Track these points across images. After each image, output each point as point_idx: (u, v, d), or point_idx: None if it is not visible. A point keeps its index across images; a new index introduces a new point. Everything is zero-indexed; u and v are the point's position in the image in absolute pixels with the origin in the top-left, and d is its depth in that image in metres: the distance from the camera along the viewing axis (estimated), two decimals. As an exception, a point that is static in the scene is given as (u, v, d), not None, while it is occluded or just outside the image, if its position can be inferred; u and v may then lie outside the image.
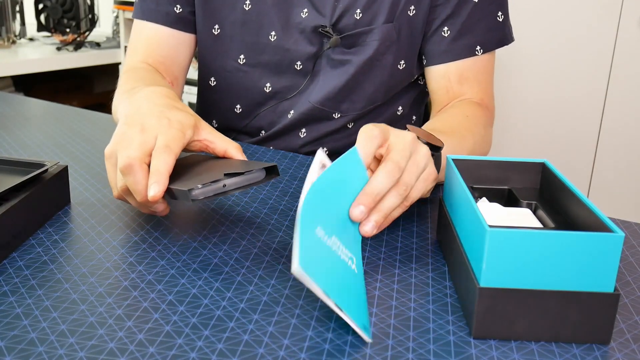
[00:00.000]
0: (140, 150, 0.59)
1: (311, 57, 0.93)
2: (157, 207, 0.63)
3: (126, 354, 0.46)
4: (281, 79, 0.95)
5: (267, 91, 0.96)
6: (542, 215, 0.58)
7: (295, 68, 0.94)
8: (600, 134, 2.08)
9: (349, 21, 0.90)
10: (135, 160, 0.58)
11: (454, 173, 0.60)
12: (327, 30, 0.90)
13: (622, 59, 1.99)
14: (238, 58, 0.96)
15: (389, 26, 0.90)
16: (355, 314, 0.48)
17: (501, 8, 0.92)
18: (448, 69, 0.92)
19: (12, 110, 1.13)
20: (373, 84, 0.94)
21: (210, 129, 0.67)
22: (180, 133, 0.62)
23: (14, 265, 0.58)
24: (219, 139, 0.66)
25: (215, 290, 0.55)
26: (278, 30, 0.92)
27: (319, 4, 0.91)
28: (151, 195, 0.57)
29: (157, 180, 0.57)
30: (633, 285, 0.59)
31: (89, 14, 2.59)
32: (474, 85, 0.92)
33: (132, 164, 0.58)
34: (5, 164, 0.70)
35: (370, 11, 0.90)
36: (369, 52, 0.91)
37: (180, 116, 0.64)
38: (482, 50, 0.91)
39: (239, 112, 1.00)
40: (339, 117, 0.96)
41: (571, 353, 0.48)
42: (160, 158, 0.59)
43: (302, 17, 0.91)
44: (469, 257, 0.52)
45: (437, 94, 0.94)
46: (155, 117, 0.63)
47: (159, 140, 0.61)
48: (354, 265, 0.53)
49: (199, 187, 0.58)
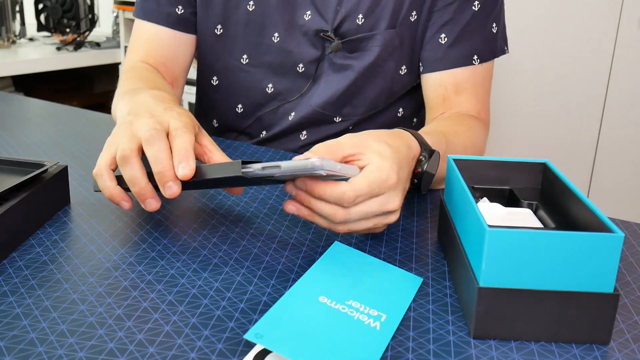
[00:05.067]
0: (150, 125, 0.59)
1: (313, 60, 0.93)
2: (150, 202, 0.60)
3: (126, 354, 0.46)
4: (283, 81, 0.95)
5: (268, 92, 0.96)
6: (543, 216, 0.58)
7: (297, 70, 0.94)
8: (600, 134, 2.08)
9: (351, 26, 0.90)
10: (154, 133, 0.58)
11: (454, 173, 0.60)
12: (328, 35, 0.90)
13: (622, 59, 1.99)
14: (241, 58, 0.96)
15: (391, 32, 0.89)
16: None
17: (497, 20, 0.91)
18: (444, 78, 0.91)
19: (12, 110, 1.13)
20: (374, 90, 0.93)
21: (211, 140, 0.67)
22: (190, 120, 0.62)
23: (13, 265, 0.58)
24: (218, 151, 0.66)
25: (215, 291, 0.55)
26: (281, 31, 0.92)
27: (322, 8, 0.90)
28: (181, 174, 0.56)
29: (186, 159, 0.57)
30: (633, 285, 0.59)
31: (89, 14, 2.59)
32: (471, 97, 0.91)
33: (152, 138, 0.58)
34: (5, 164, 0.70)
35: (372, 16, 0.89)
36: (371, 57, 0.91)
37: (186, 115, 0.65)
38: (479, 60, 0.90)
39: (240, 112, 1.00)
40: (339, 120, 0.96)
41: (571, 353, 0.48)
42: (182, 135, 0.58)
43: (305, 20, 0.91)
44: (469, 257, 0.52)
45: (433, 102, 0.93)
46: (161, 109, 0.64)
47: (171, 123, 0.60)
48: (377, 323, 0.50)
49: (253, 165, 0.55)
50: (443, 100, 0.91)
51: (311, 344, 0.45)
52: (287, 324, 0.47)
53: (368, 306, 0.52)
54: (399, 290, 0.55)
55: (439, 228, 0.66)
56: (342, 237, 0.65)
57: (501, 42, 0.93)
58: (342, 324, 0.49)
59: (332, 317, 0.49)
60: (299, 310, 0.49)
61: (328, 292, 0.53)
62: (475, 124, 0.87)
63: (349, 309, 0.51)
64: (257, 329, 0.45)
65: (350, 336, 0.47)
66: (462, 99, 0.91)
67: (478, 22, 0.89)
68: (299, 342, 0.45)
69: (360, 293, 0.53)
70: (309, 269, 0.57)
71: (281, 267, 0.59)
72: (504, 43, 0.94)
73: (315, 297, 0.52)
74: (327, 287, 0.54)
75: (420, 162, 0.67)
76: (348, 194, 0.56)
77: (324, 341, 0.46)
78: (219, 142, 0.96)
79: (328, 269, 0.57)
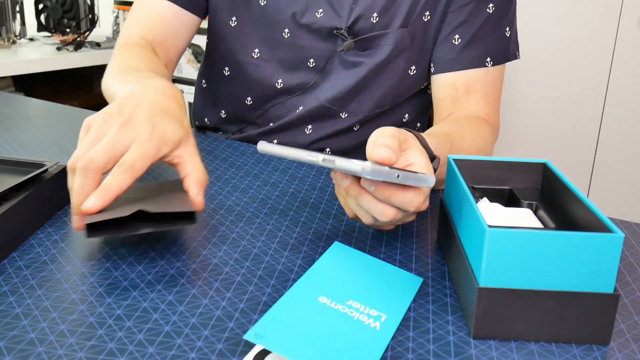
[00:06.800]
0: (106, 155, 0.56)
1: (324, 55, 0.93)
2: (75, 221, 0.58)
3: (125, 354, 0.46)
4: (293, 76, 0.95)
5: (278, 87, 0.96)
6: (543, 216, 0.58)
7: (308, 65, 0.94)
8: (600, 133, 2.08)
9: (365, 24, 0.89)
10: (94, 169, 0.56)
11: (454, 173, 0.60)
12: (342, 33, 0.90)
13: (622, 59, 1.99)
14: (252, 52, 0.96)
15: (403, 31, 0.89)
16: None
17: (510, 24, 0.91)
18: (456, 78, 0.90)
19: (12, 110, 1.13)
20: (382, 88, 0.93)
21: (192, 150, 0.61)
22: (154, 149, 0.58)
23: (13, 265, 0.58)
24: (190, 162, 0.61)
25: (215, 291, 0.55)
26: (292, 27, 0.92)
27: (337, 5, 0.90)
28: (87, 206, 0.54)
29: (102, 195, 0.55)
30: (633, 285, 0.59)
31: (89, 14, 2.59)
32: (481, 99, 0.91)
33: (89, 169, 0.55)
34: (5, 164, 0.70)
35: (387, 15, 0.89)
36: (382, 55, 0.91)
37: (169, 127, 0.60)
38: (492, 62, 0.90)
39: (249, 104, 1.00)
40: (345, 117, 0.96)
41: (571, 353, 0.48)
42: (119, 177, 0.56)
43: (318, 17, 0.91)
44: (469, 257, 0.52)
45: (442, 102, 0.92)
46: (142, 118, 0.59)
47: (130, 151, 0.57)
48: (377, 323, 0.50)
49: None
50: (453, 101, 0.91)
51: (311, 344, 0.45)
52: (287, 324, 0.47)
53: (368, 306, 0.52)
54: (399, 290, 0.55)
55: (439, 228, 0.66)
56: (342, 237, 0.65)
57: (513, 47, 0.93)
58: (342, 324, 0.49)
59: (332, 318, 0.49)
60: (299, 311, 0.49)
61: (328, 292, 0.53)
62: (483, 127, 0.87)
63: (348, 309, 0.51)
64: (257, 329, 0.45)
65: (350, 336, 0.47)
66: (472, 100, 0.90)
67: (492, 24, 0.89)
68: (298, 342, 0.45)
69: (360, 293, 0.53)
70: (309, 269, 0.57)
71: (281, 267, 0.59)
72: (516, 48, 0.94)
73: (315, 297, 0.52)
74: (327, 287, 0.54)
75: None
76: (418, 198, 0.55)
77: (323, 341, 0.46)
78: (222, 141, 0.96)
79: (328, 269, 0.57)
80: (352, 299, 0.52)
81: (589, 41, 2.02)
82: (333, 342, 0.46)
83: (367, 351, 0.46)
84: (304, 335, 0.46)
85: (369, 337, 0.48)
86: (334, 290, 0.53)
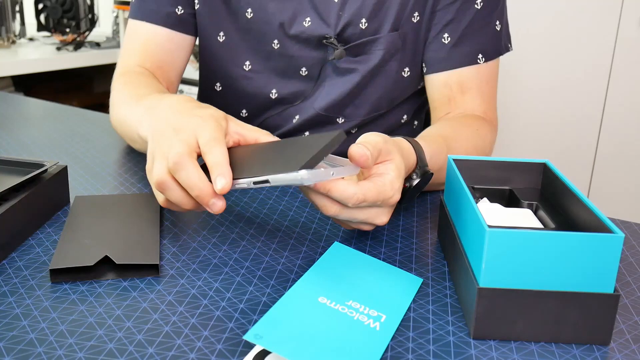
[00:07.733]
0: (183, 146, 0.57)
1: (316, 63, 0.92)
2: (214, 204, 0.56)
3: (125, 354, 0.46)
4: (287, 85, 0.95)
5: (272, 97, 0.96)
6: (543, 216, 0.58)
7: (300, 74, 0.93)
8: (600, 134, 2.08)
9: (355, 31, 0.89)
10: (182, 155, 0.56)
11: (454, 173, 0.60)
12: (331, 42, 0.89)
13: (622, 59, 1.99)
14: (244, 64, 0.95)
15: (394, 34, 0.89)
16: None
17: (500, 17, 0.91)
18: (449, 77, 0.90)
19: (12, 110, 1.13)
20: (377, 92, 0.93)
21: (238, 122, 0.64)
22: (217, 124, 0.60)
23: (13, 266, 0.58)
24: (247, 130, 0.63)
25: (215, 291, 0.54)
26: (280, 38, 0.91)
27: (324, 14, 0.89)
28: (219, 188, 0.54)
29: (221, 173, 0.55)
30: (633, 285, 0.59)
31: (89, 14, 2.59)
32: (476, 96, 0.90)
33: (180, 160, 0.56)
34: (5, 164, 0.70)
35: (376, 20, 0.88)
36: (375, 60, 0.90)
37: (210, 110, 0.62)
38: (484, 58, 0.89)
39: (244, 116, 1.00)
40: (342, 122, 0.95)
41: (571, 354, 0.48)
42: (214, 151, 0.56)
43: (306, 26, 0.90)
44: (469, 257, 0.52)
45: (438, 102, 0.92)
46: (185, 119, 0.61)
47: (200, 137, 0.58)
48: (377, 324, 0.50)
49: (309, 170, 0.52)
50: (448, 100, 0.90)
51: (311, 345, 0.45)
52: (287, 325, 0.47)
53: (368, 307, 0.52)
54: (398, 290, 0.55)
55: (439, 228, 0.66)
56: (342, 238, 0.65)
57: (505, 40, 0.92)
58: (342, 324, 0.49)
59: (332, 318, 0.49)
60: (299, 311, 0.49)
61: (328, 292, 0.53)
62: (481, 126, 0.86)
63: (348, 310, 0.51)
64: (257, 330, 0.45)
65: (350, 337, 0.47)
66: (468, 98, 0.90)
67: (481, 20, 0.89)
68: (298, 342, 0.45)
69: (360, 293, 0.53)
70: (309, 269, 0.57)
71: (281, 267, 0.59)
72: (508, 40, 0.93)
73: (314, 298, 0.51)
74: (326, 287, 0.53)
75: (411, 179, 0.66)
76: (357, 196, 0.56)
77: (323, 342, 0.46)
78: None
79: (328, 270, 0.57)
80: (352, 299, 0.52)
81: (589, 41, 2.02)
82: (333, 342, 0.46)
83: (367, 351, 0.46)
84: (303, 336, 0.46)
85: (369, 337, 0.48)
86: (333, 290, 0.53)
